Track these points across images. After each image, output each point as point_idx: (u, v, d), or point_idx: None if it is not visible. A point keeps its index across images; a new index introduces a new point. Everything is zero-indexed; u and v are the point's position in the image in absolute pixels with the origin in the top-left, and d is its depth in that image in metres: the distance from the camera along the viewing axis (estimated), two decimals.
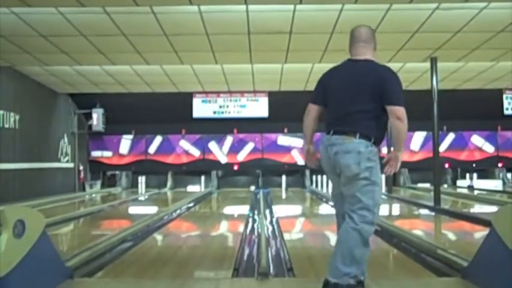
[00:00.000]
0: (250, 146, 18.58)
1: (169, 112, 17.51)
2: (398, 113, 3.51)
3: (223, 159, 18.57)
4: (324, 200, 13.78)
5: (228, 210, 12.53)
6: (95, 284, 4.27)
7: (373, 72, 3.62)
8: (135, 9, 8.39)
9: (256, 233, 7.48)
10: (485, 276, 3.67)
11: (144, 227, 8.07)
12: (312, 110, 3.87)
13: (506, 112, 18.06)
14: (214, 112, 17.86)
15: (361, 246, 3.48)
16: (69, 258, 4.71)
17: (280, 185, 19.07)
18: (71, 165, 16.82)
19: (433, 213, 10.40)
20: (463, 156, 18.65)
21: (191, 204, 12.76)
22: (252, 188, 18.67)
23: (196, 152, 18.58)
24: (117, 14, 8.73)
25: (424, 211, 11.01)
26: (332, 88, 3.74)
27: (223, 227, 9.18)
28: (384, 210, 11.57)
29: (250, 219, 9.30)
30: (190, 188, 18.78)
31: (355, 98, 3.59)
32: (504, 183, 18.88)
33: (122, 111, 17.53)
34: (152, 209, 12.34)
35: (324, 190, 17.52)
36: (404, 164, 18.37)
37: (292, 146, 18.52)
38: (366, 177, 3.51)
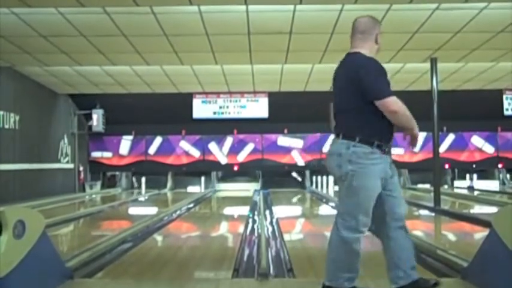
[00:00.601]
0: (250, 147, 18.56)
1: (169, 113, 17.50)
2: (389, 107, 3.28)
3: (223, 160, 18.56)
4: (324, 200, 13.78)
5: (228, 211, 12.53)
6: (94, 284, 4.27)
7: (351, 66, 3.43)
8: (135, 10, 8.39)
9: (256, 234, 7.48)
10: (485, 277, 3.66)
11: (144, 227, 8.07)
12: (330, 108, 3.74)
13: (506, 113, 18.05)
14: (214, 113, 17.85)
15: (347, 253, 3.36)
16: (69, 259, 4.71)
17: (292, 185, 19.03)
18: (71, 165, 16.81)
19: (433, 214, 10.40)
20: (463, 157, 18.64)
21: (191, 205, 12.76)
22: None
23: (196, 153, 18.56)
24: (117, 14, 8.73)
25: (424, 212, 11.01)
26: (333, 85, 3.62)
27: (223, 227, 9.18)
28: None
29: (250, 220, 9.30)
30: (191, 189, 18.76)
31: (340, 95, 3.46)
32: (504, 184, 18.88)
33: (122, 112, 17.51)
34: (152, 210, 12.34)
35: (324, 191, 17.52)
36: (404, 165, 18.43)
37: (292, 147, 18.50)
38: (347, 181, 3.33)
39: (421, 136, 17.95)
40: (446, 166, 18.46)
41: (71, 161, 16.85)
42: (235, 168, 18.55)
